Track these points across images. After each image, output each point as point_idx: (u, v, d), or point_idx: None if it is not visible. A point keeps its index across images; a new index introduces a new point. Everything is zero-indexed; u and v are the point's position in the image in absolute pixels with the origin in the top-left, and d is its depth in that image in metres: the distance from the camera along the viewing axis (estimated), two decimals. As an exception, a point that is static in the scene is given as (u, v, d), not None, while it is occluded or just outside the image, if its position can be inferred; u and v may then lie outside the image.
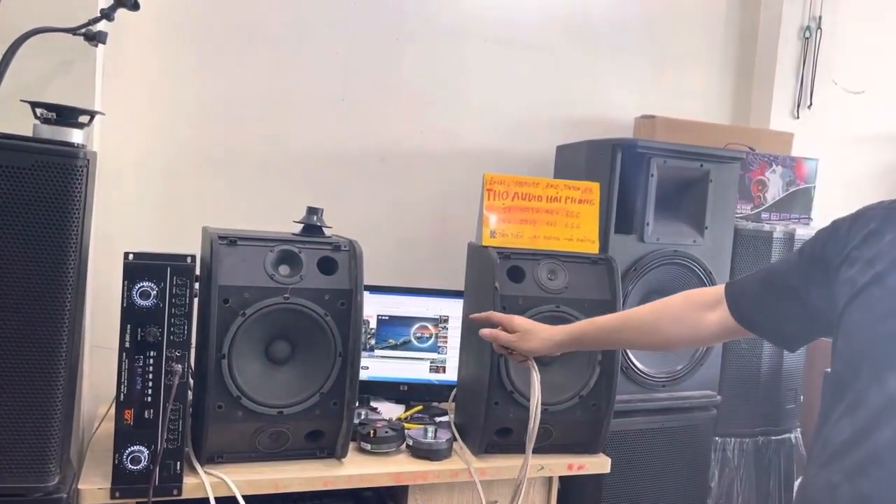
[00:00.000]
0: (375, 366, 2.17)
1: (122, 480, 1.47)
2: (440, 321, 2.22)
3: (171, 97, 2.10)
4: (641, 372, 2.07)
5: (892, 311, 1.00)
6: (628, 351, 2.02)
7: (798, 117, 2.76)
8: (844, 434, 1.03)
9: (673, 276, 2.07)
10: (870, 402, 1.00)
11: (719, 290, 1.29)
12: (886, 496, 0.97)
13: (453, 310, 2.18)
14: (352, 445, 1.74)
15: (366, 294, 1.70)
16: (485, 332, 1.59)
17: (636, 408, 2.06)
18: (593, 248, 1.93)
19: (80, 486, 1.48)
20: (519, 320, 1.56)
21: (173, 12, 2.08)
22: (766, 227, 2.25)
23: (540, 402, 1.57)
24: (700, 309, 1.31)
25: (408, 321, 2.20)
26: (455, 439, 1.87)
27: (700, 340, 1.41)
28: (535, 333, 1.52)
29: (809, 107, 2.77)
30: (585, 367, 1.84)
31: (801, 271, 1.18)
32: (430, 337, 2.21)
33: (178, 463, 1.52)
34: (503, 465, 1.80)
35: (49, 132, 1.36)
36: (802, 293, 1.16)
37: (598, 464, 1.89)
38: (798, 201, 2.43)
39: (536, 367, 1.57)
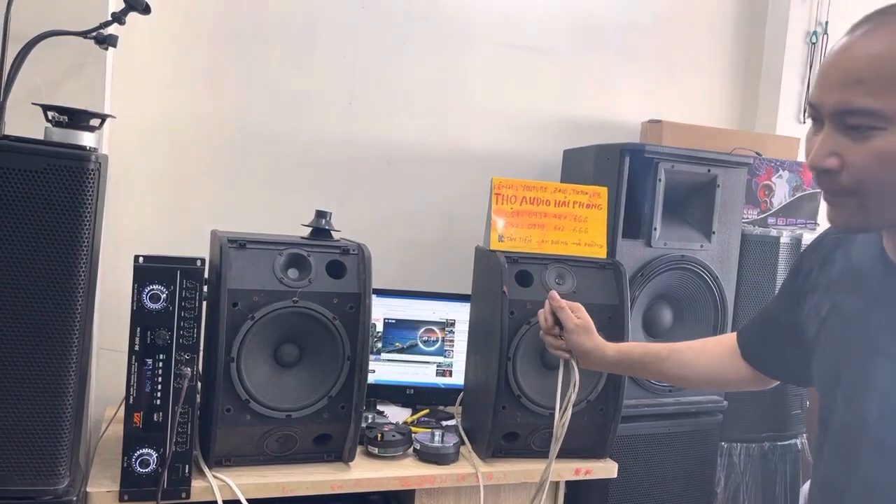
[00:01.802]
0: (382, 369, 2.17)
1: (130, 483, 1.47)
2: (447, 325, 2.22)
3: (181, 101, 2.11)
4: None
5: (850, 339, 0.97)
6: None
7: (804, 122, 2.76)
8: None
9: (680, 280, 2.07)
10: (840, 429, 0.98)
11: (732, 339, 1.27)
12: None
13: (460, 313, 2.18)
14: (359, 449, 1.74)
15: (373, 297, 1.70)
16: (555, 299, 1.42)
17: (643, 413, 2.06)
18: (601, 253, 1.93)
19: (88, 489, 1.48)
20: (585, 314, 1.42)
21: (182, 16, 2.09)
22: (773, 233, 2.25)
23: (572, 401, 1.46)
24: (731, 354, 1.27)
25: (414, 325, 2.20)
26: (462, 443, 1.87)
27: (734, 385, 1.35)
28: (592, 334, 1.40)
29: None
30: (593, 372, 1.83)
31: (784, 307, 1.16)
32: (437, 340, 2.21)
33: (187, 466, 1.52)
34: (510, 470, 1.80)
35: (60, 135, 1.37)
36: (793, 328, 1.13)
37: (605, 469, 1.89)
38: (805, 206, 2.43)
39: (577, 366, 1.43)
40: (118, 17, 1.59)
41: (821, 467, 1.03)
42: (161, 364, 1.48)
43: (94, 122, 1.42)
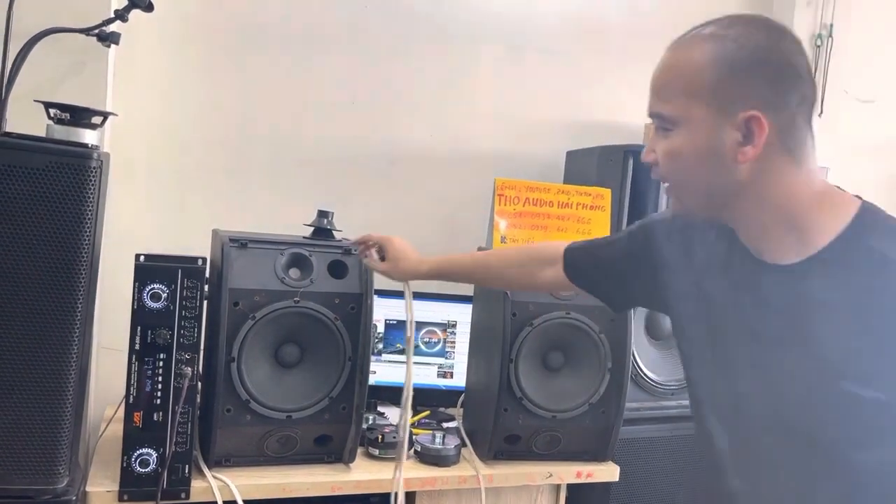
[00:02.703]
0: (383, 370, 2.16)
1: (130, 483, 1.46)
2: (448, 326, 2.21)
3: (182, 99, 2.10)
4: (651, 380, 2.06)
5: (723, 324, 1.06)
6: (638, 359, 2.01)
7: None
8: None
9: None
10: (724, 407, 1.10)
11: (559, 250, 1.36)
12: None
13: (461, 315, 2.17)
14: (359, 450, 1.73)
15: (374, 298, 1.70)
16: (363, 256, 1.64)
17: (645, 416, 2.05)
18: (604, 255, 1.91)
19: (88, 489, 1.47)
20: (394, 245, 1.59)
21: (184, 14, 2.08)
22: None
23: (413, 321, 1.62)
24: (540, 265, 1.39)
25: (416, 326, 2.19)
26: (463, 445, 1.86)
27: (535, 289, 1.57)
28: (406, 260, 1.56)
29: (820, 115, 2.75)
30: (595, 375, 1.83)
31: (628, 261, 1.25)
32: (438, 342, 2.20)
33: (187, 466, 1.51)
34: (511, 472, 1.80)
35: (62, 133, 1.36)
36: (630, 280, 1.25)
37: (607, 472, 1.88)
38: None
39: (410, 291, 1.61)
40: (121, 15, 1.58)
41: (706, 440, 1.11)
42: (161, 363, 1.47)
43: (96, 119, 1.42)
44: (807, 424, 0.96)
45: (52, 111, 1.39)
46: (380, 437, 1.77)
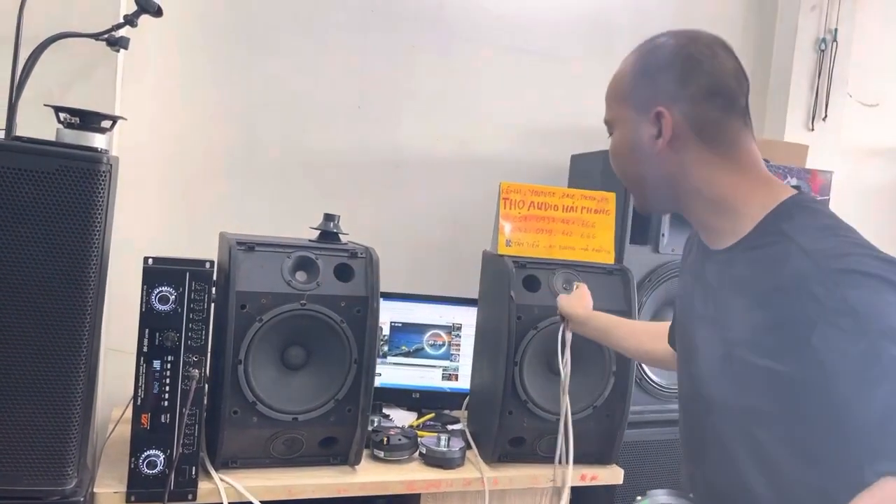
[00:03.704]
0: (388, 373, 2.17)
1: (137, 484, 1.47)
2: (453, 329, 2.22)
3: (190, 103, 2.12)
4: (655, 383, 2.06)
5: (682, 313, 1.20)
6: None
7: (813, 129, 2.75)
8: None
9: (687, 287, 2.07)
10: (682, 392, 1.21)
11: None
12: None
13: (466, 318, 2.18)
14: (365, 453, 1.74)
15: (380, 301, 1.70)
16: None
17: (650, 419, 2.05)
18: (609, 259, 1.92)
19: (95, 490, 1.48)
20: (584, 298, 1.67)
21: (192, 19, 2.09)
22: (781, 239, 2.24)
23: (568, 373, 1.69)
24: (662, 338, 1.45)
25: (421, 328, 2.20)
26: (468, 448, 1.87)
27: (666, 364, 1.48)
28: (586, 305, 1.65)
29: (824, 119, 2.76)
30: (600, 378, 1.83)
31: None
32: (443, 344, 2.21)
33: (194, 468, 1.52)
34: (516, 475, 1.80)
35: (72, 137, 1.37)
36: None
37: (611, 475, 1.89)
38: (813, 213, 2.42)
39: (570, 330, 1.67)
40: (130, 20, 1.60)
41: (679, 427, 1.21)
42: (169, 365, 1.48)
43: (106, 123, 1.43)
44: (721, 396, 1.05)
45: (61, 115, 1.40)
46: (385, 439, 1.77)
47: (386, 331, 2.17)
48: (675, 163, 1.05)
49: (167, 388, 1.48)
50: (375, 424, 1.92)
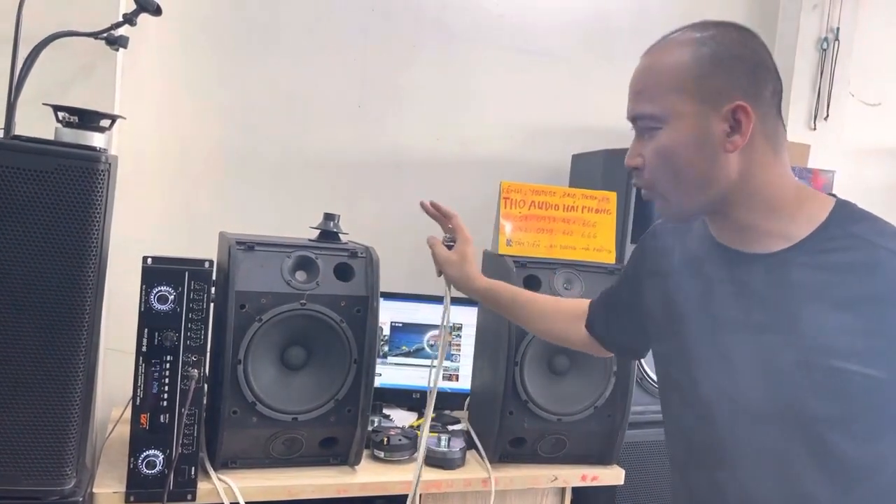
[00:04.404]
0: (388, 373, 2.16)
1: (136, 484, 1.47)
2: (453, 329, 2.21)
3: (189, 102, 2.11)
4: (656, 384, 2.05)
5: (699, 320, 1.08)
6: (643, 363, 2.01)
7: (815, 129, 2.75)
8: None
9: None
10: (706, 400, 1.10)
11: (586, 303, 1.39)
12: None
13: (467, 318, 2.17)
14: (365, 453, 1.74)
15: (380, 301, 1.70)
16: (431, 238, 1.52)
17: (651, 419, 2.04)
18: (610, 258, 1.92)
19: (94, 490, 1.48)
20: (464, 245, 1.49)
21: (191, 18, 2.09)
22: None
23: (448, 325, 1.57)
24: (577, 320, 1.38)
25: (421, 328, 2.20)
26: (469, 448, 1.86)
27: (569, 344, 1.45)
28: (466, 265, 1.47)
29: (826, 118, 2.75)
30: (601, 378, 1.83)
31: (627, 288, 1.28)
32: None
33: (193, 468, 1.52)
34: (517, 475, 1.80)
35: (71, 136, 1.37)
36: (634, 308, 1.24)
37: (612, 475, 1.88)
38: (814, 213, 2.41)
39: (449, 294, 1.52)
40: (129, 19, 1.59)
41: (684, 434, 1.15)
42: (168, 365, 1.48)
43: (105, 122, 1.42)
44: (787, 404, 0.97)
45: (60, 114, 1.40)
46: (385, 439, 1.77)
47: (386, 331, 2.16)
48: (741, 162, 0.98)
49: (166, 388, 1.48)
50: (375, 425, 1.91)
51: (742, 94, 0.96)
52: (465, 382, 2.15)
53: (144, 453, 1.47)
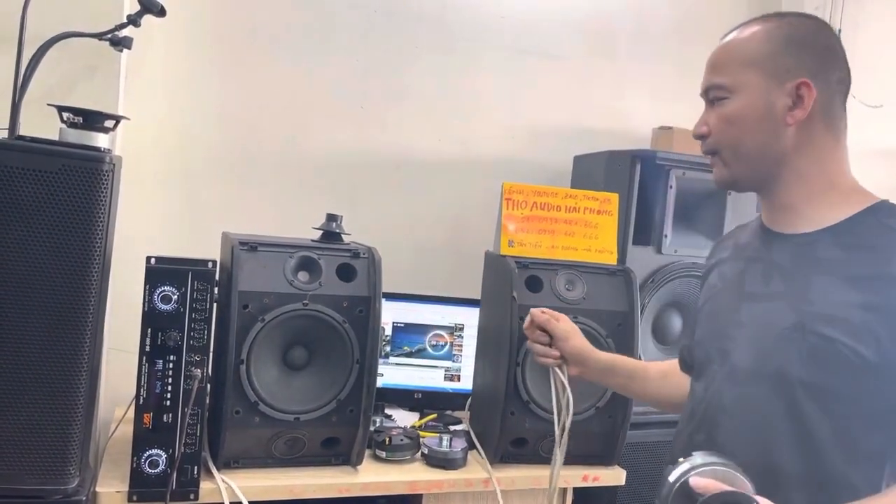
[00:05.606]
0: (390, 373, 2.17)
1: (139, 484, 1.47)
2: (455, 329, 2.21)
3: (193, 103, 2.12)
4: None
5: (726, 297, 1.16)
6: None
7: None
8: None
9: (690, 287, 2.07)
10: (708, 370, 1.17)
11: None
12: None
13: (469, 318, 2.18)
14: (367, 453, 1.74)
15: (382, 301, 1.70)
16: (535, 311, 1.46)
17: (652, 420, 2.05)
18: (611, 259, 1.92)
19: (97, 489, 1.48)
20: (570, 322, 1.46)
21: (195, 19, 2.10)
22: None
23: (569, 409, 1.43)
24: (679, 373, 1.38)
25: (423, 329, 2.20)
26: (470, 448, 1.86)
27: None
28: (581, 338, 1.44)
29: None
30: (602, 379, 1.83)
31: (700, 297, 1.31)
32: (445, 345, 2.21)
33: (196, 467, 1.52)
34: (518, 476, 1.80)
35: (75, 136, 1.37)
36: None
37: (614, 476, 1.88)
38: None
39: (564, 375, 1.43)
40: (133, 20, 1.60)
41: (688, 404, 1.20)
42: (171, 365, 1.48)
43: (109, 123, 1.43)
44: (777, 366, 1.02)
45: (64, 115, 1.40)
46: (387, 439, 1.77)
47: (388, 331, 2.17)
48: (798, 138, 1.05)
49: (169, 388, 1.48)
50: (377, 425, 1.91)
51: (808, 74, 1.03)
52: (466, 383, 2.16)
53: (147, 453, 1.48)
